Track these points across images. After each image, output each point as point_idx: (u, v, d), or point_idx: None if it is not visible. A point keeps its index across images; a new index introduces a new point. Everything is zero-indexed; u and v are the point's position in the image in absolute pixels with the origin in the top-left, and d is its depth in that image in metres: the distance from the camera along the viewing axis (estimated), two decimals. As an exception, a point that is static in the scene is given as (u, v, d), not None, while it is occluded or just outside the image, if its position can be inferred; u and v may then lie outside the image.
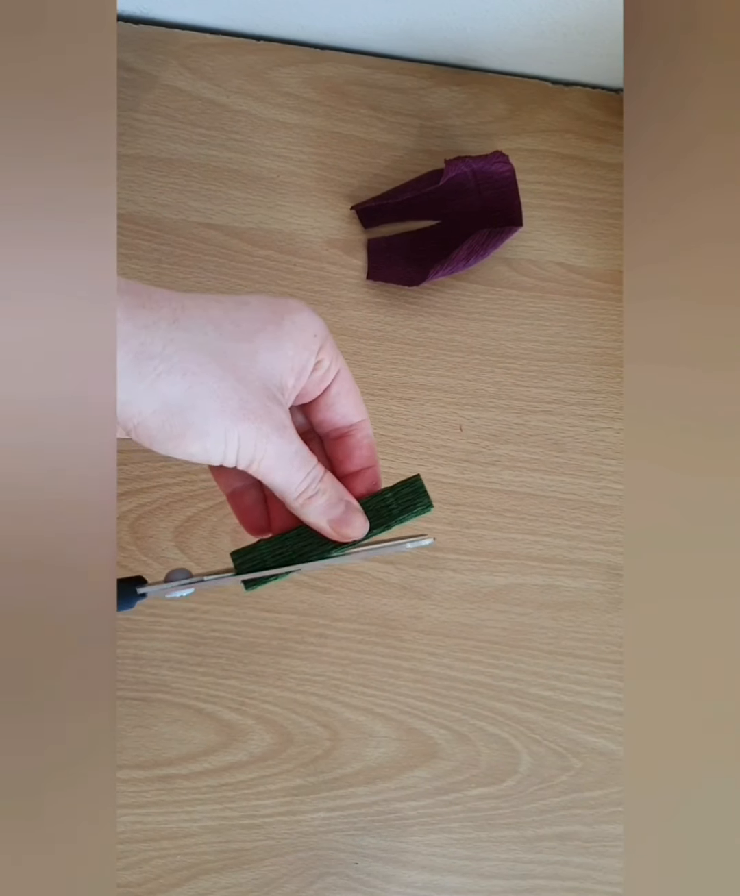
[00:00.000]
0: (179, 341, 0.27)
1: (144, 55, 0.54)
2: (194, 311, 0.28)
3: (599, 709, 0.49)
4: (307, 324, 0.30)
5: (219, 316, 0.28)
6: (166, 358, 0.26)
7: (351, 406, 0.33)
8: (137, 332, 0.26)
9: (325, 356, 0.31)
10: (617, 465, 0.52)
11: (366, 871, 0.45)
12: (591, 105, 0.59)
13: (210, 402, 0.27)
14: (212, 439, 0.28)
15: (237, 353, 0.28)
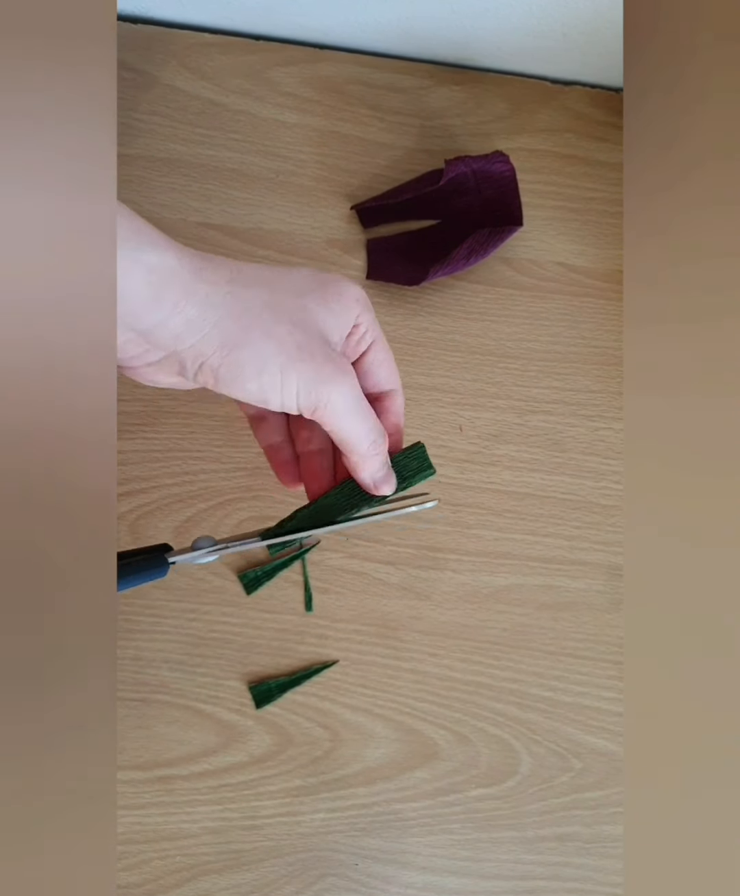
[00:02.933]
0: (237, 294, 0.30)
1: (144, 55, 0.54)
2: (249, 273, 0.31)
3: (600, 709, 0.49)
4: (350, 290, 0.33)
5: (271, 277, 0.32)
6: (226, 306, 0.29)
7: (385, 374, 0.36)
8: (203, 286, 0.29)
9: (364, 322, 0.34)
10: (617, 465, 0.52)
11: (366, 872, 0.45)
12: (591, 104, 0.59)
13: (265, 343, 0.30)
14: (268, 376, 0.30)
15: (290, 306, 0.31)
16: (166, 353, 0.30)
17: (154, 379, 0.32)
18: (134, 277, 0.27)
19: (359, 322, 0.33)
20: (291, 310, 0.31)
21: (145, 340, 0.29)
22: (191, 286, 0.29)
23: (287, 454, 0.38)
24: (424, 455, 0.37)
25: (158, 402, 0.49)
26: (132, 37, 0.54)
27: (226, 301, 0.29)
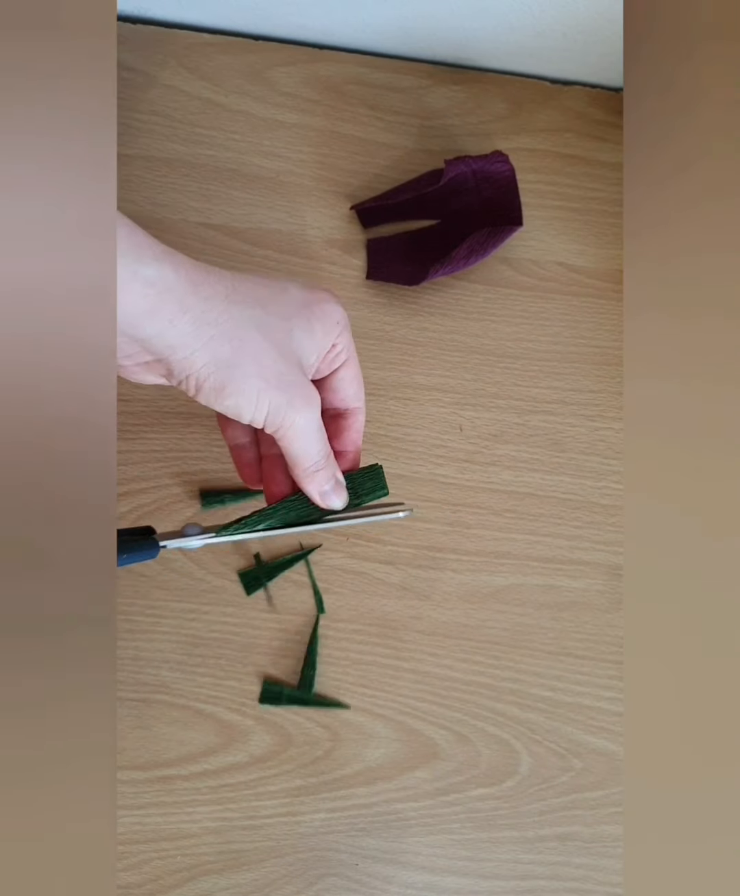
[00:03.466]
0: (232, 313, 0.31)
1: (143, 55, 0.54)
2: (244, 291, 0.33)
3: (600, 709, 0.49)
4: (333, 312, 0.35)
5: (265, 297, 0.33)
6: (219, 325, 0.31)
7: (353, 392, 0.38)
8: (199, 302, 0.30)
9: (341, 341, 0.36)
10: (617, 465, 0.52)
11: (366, 871, 0.45)
12: (591, 104, 0.59)
13: (250, 367, 0.32)
14: (245, 397, 0.32)
15: (278, 329, 0.33)
16: (155, 359, 0.31)
17: (141, 378, 0.33)
18: (132, 290, 0.28)
19: (338, 342, 0.36)
20: (278, 334, 0.33)
21: (140, 347, 0.30)
22: (188, 301, 0.30)
23: (251, 455, 0.40)
24: (380, 476, 0.40)
25: (158, 403, 0.49)
26: (132, 37, 0.54)
27: (221, 320, 0.31)
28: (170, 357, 0.31)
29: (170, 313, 0.29)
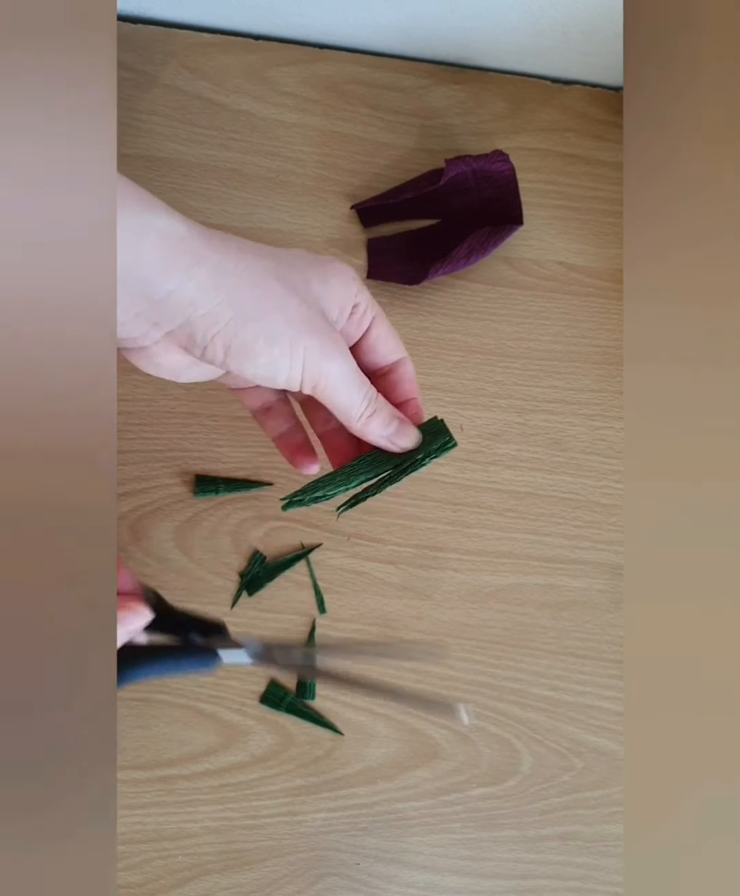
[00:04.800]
0: (248, 262, 0.30)
1: (144, 55, 0.54)
2: (253, 246, 0.31)
3: (601, 708, 0.49)
4: (345, 269, 0.34)
5: (274, 252, 0.32)
6: (238, 275, 0.30)
7: (391, 346, 0.36)
8: (214, 253, 0.29)
9: (362, 300, 0.34)
10: (618, 464, 0.52)
11: (367, 871, 0.45)
12: (591, 104, 0.59)
13: (277, 314, 0.30)
14: (279, 348, 0.30)
15: (295, 279, 0.31)
16: (177, 325, 0.30)
17: (159, 360, 0.32)
18: (146, 242, 0.27)
19: (359, 301, 0.34)
20: (297, 284, 0.31)
21: (158, 311, 0.29)
22: (203, 252, 0.29)
23: (299, 439, 0.38)
24: (443, 428, 0.36)
25: (158, 402, 0.49)
26: (132, 37, 0.54)
27: (238, 269, 0.30)
28: (192, 315, 0.29)
29: (186, 264, 0.28)
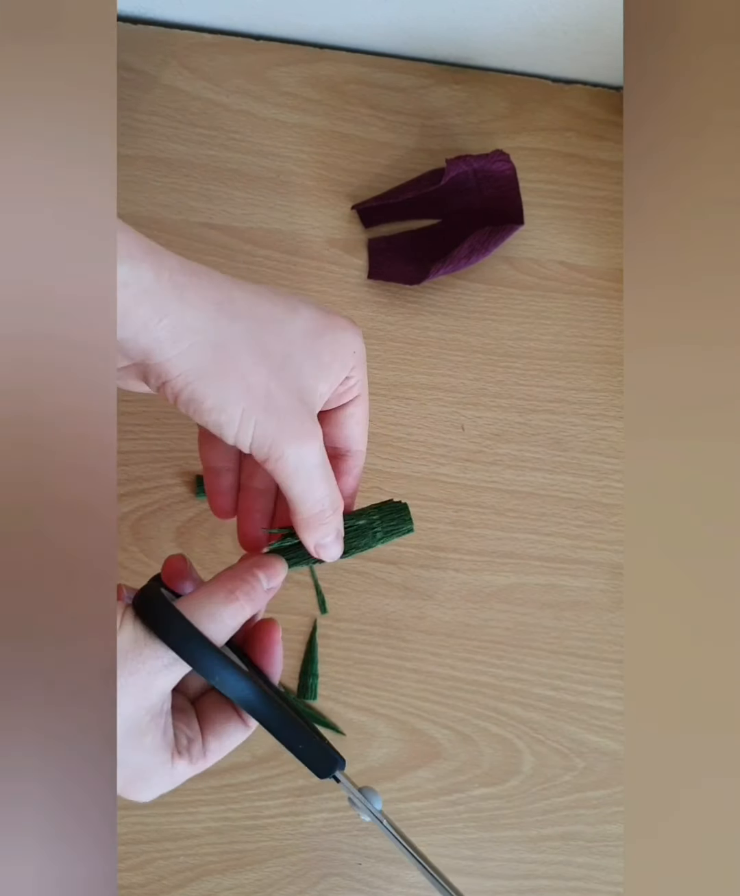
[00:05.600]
0: (220, 324, 0.28)
1: (144, 55, 0.54)
2: (241, 303, 0.29)
3: (602, 708, 0.49)
4: (349, 341, 0.31)
5: (266, 314, 0.29)
6: (204, 332, 0.28)
7: (357, 432, 0.34)
8: (183, 308, 0.27)
9: (356, 374, 0.32)
10: (619, 464, 0.52)
11: (369, 871, 0.45)
12: (592, 103, 0.59)
13: (236, 383, 0.28)
14: (227, 417, 0.28)
15: (275, 351, 0.29)
16: (132, 363, 0.28)
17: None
18: None
19: (351, 375, 0.32)
20: (274, 356, 0.29)
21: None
22: (168, 306, 0.27)
23: (227, 483, 0.35)
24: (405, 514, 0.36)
25: (159, 402, 0.49)
26: (132, 37, 0.54)
27: (207, 328, 0.28)
28: (145, 361, 0.27)
29: (144, 317, 0.26)
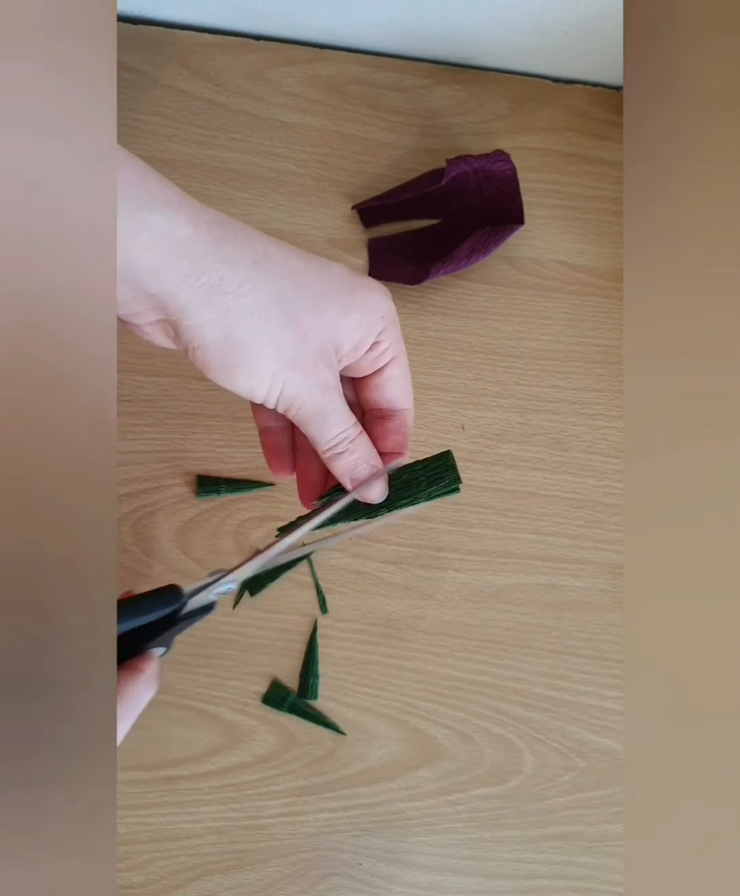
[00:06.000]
0: (255, 283, 0.28)
1: (144, 55, 0.54)
2: (277, 258, 0.29)
3: (603, 708, 0.48)
4: (378, 303, 0.32)
5: (299, 269, 0.30)
6: (239, 296, 0.28)
7: (400, 392, 0.35)
8: (219, 266, 0.27)
9: (386, 339, 0.33)
10: (619, 464, 0.52)
11: (369, 871, 0.45)
12: (592, 103, 0.59)
13: (267, 347, 0.29)
14: (259, 379, 0.29)
15: (305, 308, 0.29)
16: (166, 318, 0.28)
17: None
18: (137, 241, 0.25)
19: (382, 339, 0.33)
20: (305, 312, 0.30)
21: (149, 301, 0.27)
22: (205, 262, 0.26)
23: (281, 441, 0.37)
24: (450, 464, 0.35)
25: (160, 403, 0.49)
26: (132, 37, 0.54)
27: (241, 290, 0.28)
28: (180, 321, 0.27)
29: (181, 271, 0.26)
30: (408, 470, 0.35)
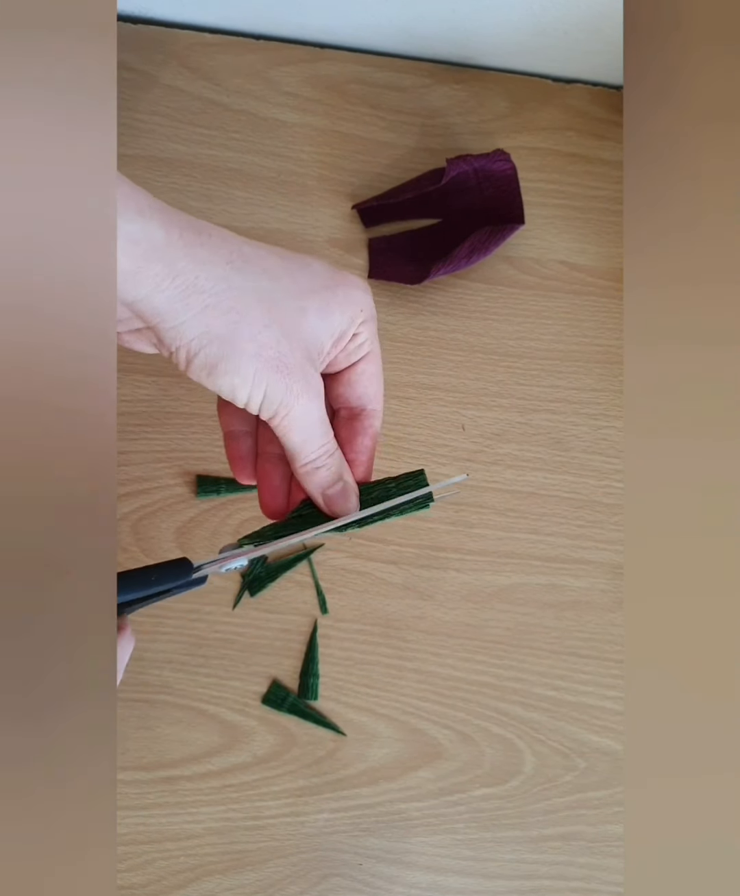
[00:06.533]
0: (231, 281, 0.28)
1: (144, 55, 0.54)
2: (253, 258, 0.29)
3: (603, 708, 0.48)
4: (358, 298, 0.32)
5: (277, 268, 0.30)
6: (215, 294, 0.27)
7: (371, 390, 0.34)
8: (193, 267, 0.27)
9: (364, 331, 0.32)
10: (620, 463, 0.52)
11: (370, 871, 0.45)
12: (593, 102, 0.59)
13: (248, 344, 0.28)
14: (240, 379, 0.29)
15: (286, 306, 0.29)
16: (145, 326, 0.28)
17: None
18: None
19: (360, 331, 0.32)
20: (284, 312, 0.29)
21: (126, 311, 0.27)
22: (179, 264, 0.27)
23: (245, 447, 0.36)
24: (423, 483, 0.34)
25: (160, 403, 0.49)
26: (132, 37, 0.54)
27: (219, 288, 0.28)
28: (158, 325, 0.27)
29: (155, 276, 0.26)
30: (381, 486, 0.35)
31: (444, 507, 0.50)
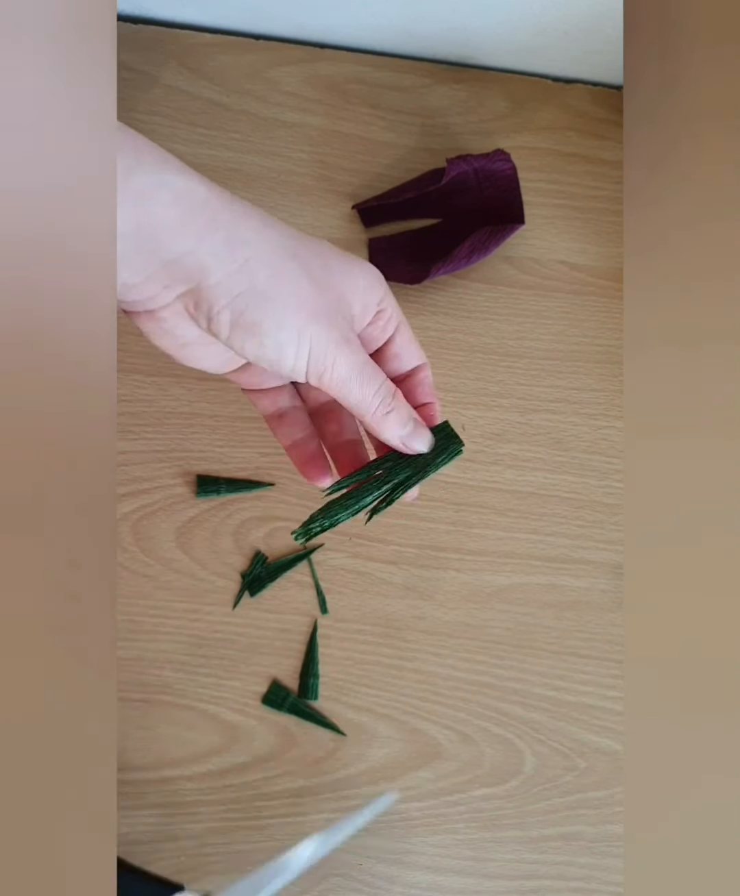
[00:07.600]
0: (268, 236, 0.29)
1: (144, 55, 0.54)
2: (278, 223, 0.30)
3: (603, 709, 0.48)
4: (372, 270, 0.32)
5: (297, 234, 0.30)
6: (256, 247, 0.28)
7: (413, 352, 0.35)
8: (233, 220, 0.28)
9: (388, 306, 0.33)
10: (620, 463, 0.52)
11: (370, 871, 0.45)
12: (593, 102, 0.59)
13: (290, 297, 0.28)
14: (287, 333, 0.29)
15: (315, 264, 0.30)
16: (187, 289, 0.28)
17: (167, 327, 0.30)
18: (160, 199, 0.26)
19: (384, 307, 0.33)
20: (315, 268, 0.30)
21: (168, 273, 0.27)
22: (221, 218, 0.27)
23: (312, 448, 0.36)
24: (450, 431, 0.35)
25: (160, 403, 0.49)
26: (132, 37, 0.54)
27: (256, 241, 0.28)
28: (202, 282, 0.27)
29: (201, 226, 0.27)
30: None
31: (444, 506, 0.50)
